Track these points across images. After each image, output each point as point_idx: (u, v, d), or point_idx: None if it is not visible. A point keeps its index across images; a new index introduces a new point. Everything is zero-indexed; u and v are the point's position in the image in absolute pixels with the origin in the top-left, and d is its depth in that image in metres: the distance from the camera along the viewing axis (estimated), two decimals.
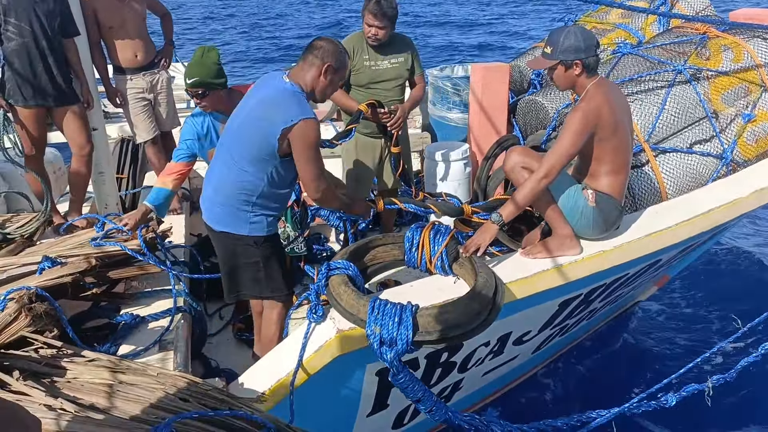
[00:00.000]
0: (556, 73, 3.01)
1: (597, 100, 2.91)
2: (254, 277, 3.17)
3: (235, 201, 3.00)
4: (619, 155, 3.01)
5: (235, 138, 2.98)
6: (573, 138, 2.88)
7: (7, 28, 3.83)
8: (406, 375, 2.46)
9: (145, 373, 2.39)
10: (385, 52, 4.27)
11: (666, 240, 3.23)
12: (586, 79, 2.97)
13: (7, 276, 2.98)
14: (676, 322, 5.53)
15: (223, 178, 3.03)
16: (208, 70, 3.40)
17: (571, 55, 2.91)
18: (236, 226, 3.04)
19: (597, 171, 3.05)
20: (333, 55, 2.95)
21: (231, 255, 3.15)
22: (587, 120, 2.87)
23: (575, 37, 2.91)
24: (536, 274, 2.92)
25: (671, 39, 4.29)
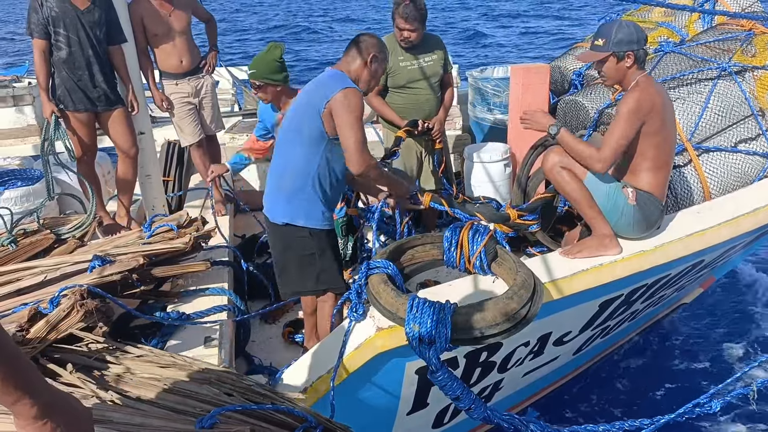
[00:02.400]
0: (607, 65, 3.03)
1: (648, 91, 2.93)
2: (310, 271, 3.21)
3: (294, 189, 3.08)
4: (661, 152, 3.00)
5: (290, 127, 3.12)
6: (627, 123, 2.91)
7: (57, 38, 4.02)
8: (445, 373, 2.47)
9: (191, 369, 2.46)
10: (419, 51, 4.34)
11: (708, 240, 3.18)
12: (635, 72, 3.00)
13: (61, 274, 3.10)
14: (721, 325, 5.41)
15: (282, 169, 3.13)
16: (266, 66, 3.70)
17: (623, 46, 2.95)
18: (295, 216, 3.10)
19: (638, 167, 3.04)
20: (375, 46, 3.13)
21: (287, 249, 3.20)
22: (641, 106, 2.90)
23: (627, 29, 2.96)
24: (575, 274, 2.92)
25: (715, 36, 4.22)
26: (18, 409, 1.13)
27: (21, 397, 1.12)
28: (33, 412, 1.14)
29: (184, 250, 3.28)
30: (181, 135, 4.79)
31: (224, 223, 4.57)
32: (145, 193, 4.64)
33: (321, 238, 3.18)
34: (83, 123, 4.23)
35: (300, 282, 3.28)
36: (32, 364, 1.21)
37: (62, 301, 2.56)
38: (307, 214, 3.11)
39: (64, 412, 1.19)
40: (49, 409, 1.15)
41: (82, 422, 1.23)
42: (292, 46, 23.69)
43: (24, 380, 1.13)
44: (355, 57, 3.11)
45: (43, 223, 3.88)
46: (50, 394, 1.18)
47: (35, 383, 1.16)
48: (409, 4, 4.11)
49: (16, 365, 1.12)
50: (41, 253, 3.65)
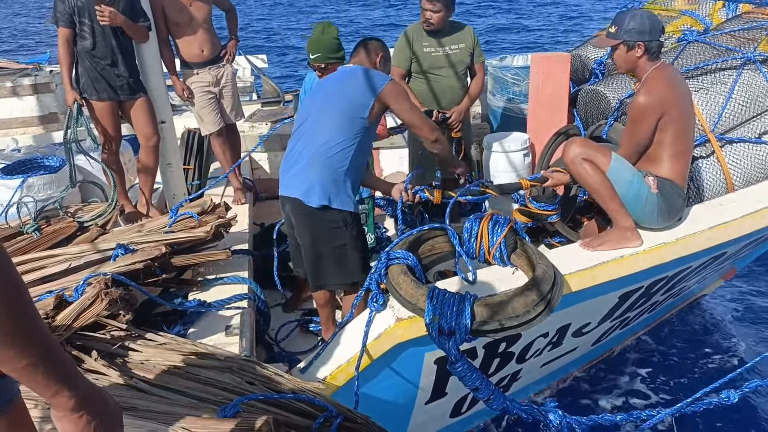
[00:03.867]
0: (617, 53, 3.07)
1: (657, 87, 2.95)
2: (342, 262, 3.25)
3: (330, 175, 3.14)
4: (680, 140, 3.02)
5: (325, 110, 3.21)
6: (638, 125, 2.98)
7: (83, 28, 4.07)
8: (464, 363, 2.48)
9: (213, 357, 2.50)
10: (445, 39, 4.35)
11: (730, 232, 3.16)
12: (646, 63, 3.03)
13: (85, 262, 3.14)
14: (741, 317, 5.36)
15: (313, 156, 3.17)
16: (328, 45, 3.71)
17: (634, 36, 2.98)
18: (332, 199, 3.15)
19: (658, 156, 3.05)
20: (382, 48, 3.43)
21: (320, 238, 3.23)
22: (650, 104, 2.93)
23: (641, 19, 2.98)
24: (596, 266, 2.91)
25: (740, 25, 4.16)
26: (57, 400, 1.16)
27: (60, 389, 1.15)
28: (71, 404, 1.17)
29: (205, 238, 3.32)
30: (202, 124, 4.82)
31: (243, 211, 4.60)
32: (166, 181, 4.68)
33: (354, 226, 3.24)
34: (106, 112, 4.27)
35: (330, 275, 3.31)
36: (69, 356, 1.24)
37: (87, 290, 2.60)
38: (343, 197, 3.18)
39: (99, 405, 1.23)
40: (85, 402, 1.18)
41: (114, 416, 1.26)
42: None
43: (64, 373, 1.16)
44: (365, 57, 3.38)
45: (66, 210, 3.94)
46: (87, 387, 1.21)
47: (74, 376, 1.19)
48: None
49: (57, 358, 1.15)
50: (64, 240, 3.70)
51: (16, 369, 1.10)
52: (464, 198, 3.47)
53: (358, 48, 3.44)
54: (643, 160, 3.12)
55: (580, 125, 4.55)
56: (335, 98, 3.20)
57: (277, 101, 7.38)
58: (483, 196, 3.52)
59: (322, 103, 3.24)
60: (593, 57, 4.91)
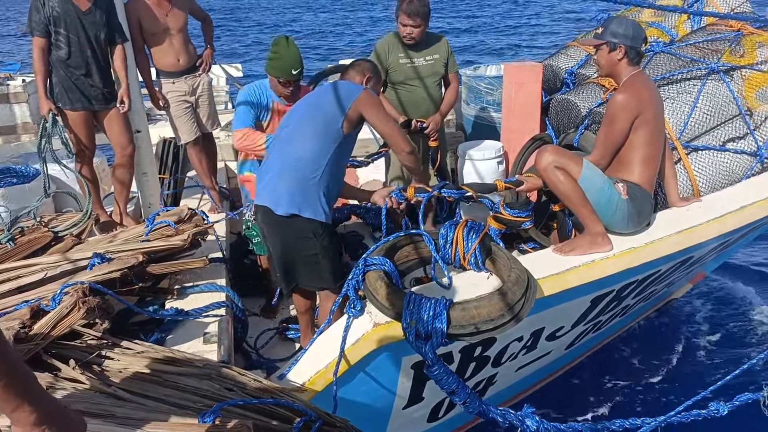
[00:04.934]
0: (600, 53, 3.26)
1: (635, 88, 3.11)
2: (314, 270, 3.28)
3: (304, 181, 3.16)
4: (652, 144, 3.15)
5: (301, 122, 3.25)
6: (615, 123, 3.11)
7: (58, 38, 4.05)
8: (441, 367, 2.52)
9: (191, 364, 2.51)
10: (420, 50, 4.40)
11: (697, 237, 3.25)
12: (625, 67, 3.21)
13: (61, 271, 3.13)
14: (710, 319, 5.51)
15: (288, 161, 3.20)
16: (301, 60, 3.77)
17: (617, 38, 3.17)
18: (302, 208, 3.17)
19: (629, 160, 3.17)
20: (371, 69, 3.47)
21: (289, 248, 3.26)
22: (628, 104, 3.07)
23: (626, 25, 3.19)
24: (568, 271, 2.97)
25: (704, 37, 4.28)
26: (17, 416, 1.16)
27: (20, 404, 1.16)
28: (32, 419, 1.17)
29: (183, 247, 3.33)
30: (178, 133, 4.82)
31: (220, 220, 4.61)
32: (141, 190, 4.67)
33: (324, 236, 3.24)
34: (80, 121, 4.25)
35: (303, 280, 3.36)
36: (31, 372, 1.24)
37: (64, 299, 2.60)
38: (314, 207, 3.19)
39: (61, 421, 1.23)
40: (46, 418, 1.19)
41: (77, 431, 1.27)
42: None
43: (24, 389, 1.17)
44: (353, 77, 3.40)
45: (40, 220, 3.91)
46: (48, 403, 1.22)
47: (34, 392, 1.20)
48: (413, 2, 4.17)
49: (16, 374, 1.16)
50: (39, 250, 3.68)
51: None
52: (439, 192, 3.54)
53: (346, 68, 3.48)
54: (615, 163, 3.22)
55: (552, 133, 4.64)
56: (312, 110, 3.26)
57: None
58: (459, 191, 3.59)
59: (300, 115, 3.29)
60: (564, 67, 5.01)
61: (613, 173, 3.20)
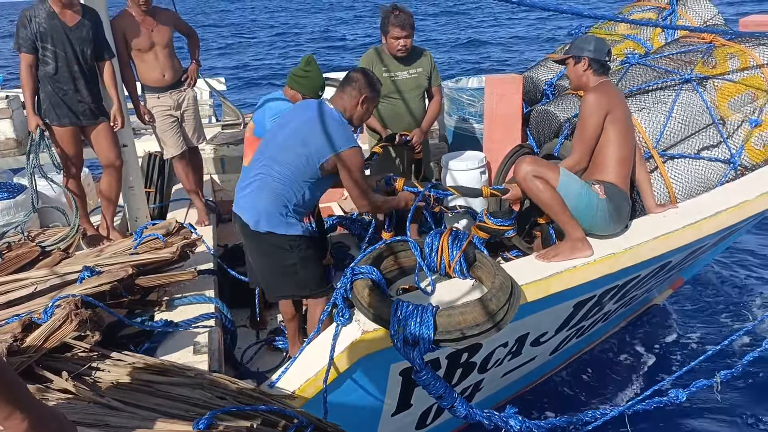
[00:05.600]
0: (568, 67, 3.50)
1: (602, 90, 3.33)
2: (294, 279, 3.33)
3: (275, 205, 3.22)
4: (623, 146, 3.32)
5: (282, 151, 3.24)
6: (589, 120, 3.29)
7: (45, 53, 4.08)
8: (428, 372, 2.59)
9: (183, 374, 2.54)
10: (404, 63, 4.47)
11: (673, 242, 3.35)
12: (591, 77, 3.41)
13: (50, 285, 3.16)
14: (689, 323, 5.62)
15: (265, 184, 3.24)
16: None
17: (581, 52, 3.39)
18: (274, 225, 3.23)
19: (602, 160, 3.34)
20: (368, 86, 3.35)
21: (269, 259, 3.33)
22: (598, 101, 3.27)
23: (590, 40, 3.42)
24: (550, 276, 3.05)
25: (678, 49, 4.41)
26: (9, 424, 1.18)
27: (12, 412, 1.17)
28: (23, 426, 1.19)
29: (171, 259, 3.36)
30: (165, 147, 4.85)
31: (207, 232, 4.65)
32: (128, 204, 4.70)
33: (300, 247, 3.29)
34: (68, 136, 4.28)
35: (286, 289, 3.41)
36: (20, 380, 1.26)
37: (56, 311, 2.63)
38: (288, 224, 3.24)
39: (54, 426, 1.26)
40: (38, 423, 1.21)
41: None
42: None
43: (15, 396, 1.18)
44: (350, 96, 3.33)
45: (29, 235, 3.93)
46: (39, 409, 1.24)
47: (25, 399, 1.21)
48: (399, 14, 4.26)
49: (8, 381, 1.17)
50: (27, 265, 3.69)
51: None
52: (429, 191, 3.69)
53: (342, 82, 3.40)
54: (591, 166, 3.38)
55: (534, 144, 4.74)
56: (300, 137, 3.22)
57: (237, 123, 7.43)
58: (446, 192, 3.78)
59: (288, 135, 3.27)
60: (544, 78, 5.13)
61: (589, 176, 3.35)
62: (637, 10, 5.26)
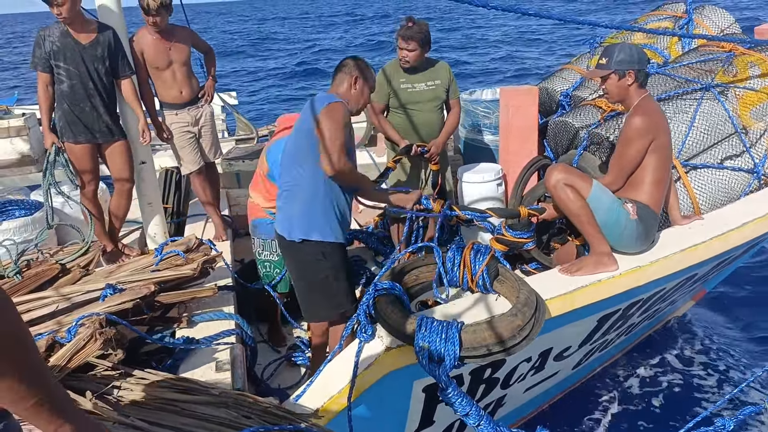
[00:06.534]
0: (609, 82, 3.27)
1: (650, 112, 3.16)
2: (326, 293, 3.34)
3: (304, 207, 3.22)
4: (663, 168, 3.20)
5: (293, 149, 3.29)
6: (633, 146, 3.14)
7: (59, 71, 4.12)
8: (455, 390, 2.55)
9: (207, 393, 2.52)
10: (422, 75, 4.49)
11: (701, 254, 3.30)
12: (635, 91, 3.23)
13: (72, 303, 3.15)
14: (713, 336, 5.53)
15: (291, 188, 3.28)
16: None
17: (624, 65, 3.19)
18: (309, 232, 3.23)
19: (641, 181, 3.21)
20: (357, 67, 3.36)
21: (303, 274, 3.34)
22: (647, 126, 3.11)
23: (629, 50, 3.21)
24: (575, 291, 3.01)
25: (697, 58, 4.38)
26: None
27: (62, 424, 1.20)
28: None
29: (192, 275, 3.35)
30: (182, 163, 4.86)
31: (225, 248, 4.64)
32: (146, 220, 4.70)
33: (334, 256, 3.30)
34: (84, 154, 4.30)
35: (319, 306, 3.41)
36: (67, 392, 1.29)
37: (80, 330, 2.62)
38: (321, 228, 3.24)
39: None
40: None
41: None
42: None
43: (65, 409, 1.21)
44: (342, 80, 3.36)
45: (48, 253, 3.93)
46: (85, 421, 1.26)
47: (73, 412, 1.24)
48: (412, 26, 4.29)
49: (59, 395, 1.20)
50: (46, 283, 3.69)
51: (25, 408, 1.14)
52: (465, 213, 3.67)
53: (335, 70, 3.43)
54: (626, 184, 3.27)
55: (551, 155, 4.71)
56: (297, 133, 3.30)
57: (251, 138, 7.45)
58: (482, 215, 3.74)
59: (291, 139, 3.35)
60: (560, 89, 5.11)
61: (623, 193, 3.25)
62: (653, 19, 5.23)
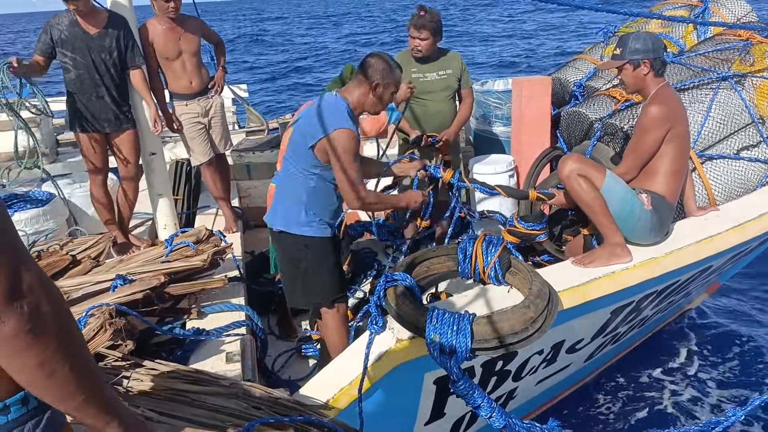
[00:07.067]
0: (625, 72, 3.20)
1: (668, 100, 3.09)
2: (307, 282, 3.33)
3: (290, 202, 3.24)
4: (680, 158, 3.14)
5: (291, 147, 3.27)
6: (650, 136, 3.08)
7: (64, 60, 4.13)
8: (466, 382, 2.52)
9: (218, 384, 2.51)
10: (433, 64, 4.47)
11: (716, 246, 3.26)
12: (652, 80, 3.16)
13: (82, 294, 3.15)
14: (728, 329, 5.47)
15: (283, 183, 3.30)
16: None
17: (639, 55, 3.12)
18: (289, 225, 3.25)
19: (656, 170, 3.15)
20: (380, 72, 3.17)
21: (286, 260, 3.36)
22: (665, 116, 3.04)
23: (643, 39, 3.14)
24: (588, 283, 2.98)
25: (713, 46, 4.32)
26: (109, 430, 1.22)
27: (111, 420, 1.21)
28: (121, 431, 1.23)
29: (203, 267, 3.34)
30: (192, 154, 4.85)
31: (235, 239, 4.63)
32: (156, 211, 4.70)
33: (316, 248, 3.28)
34: (93, 143, 4.31)
35: (299, 294, 3.41)
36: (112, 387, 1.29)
37: (90, 321, 2.61)
38: (300, 222, 3.24)
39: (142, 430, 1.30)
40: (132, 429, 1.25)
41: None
42: None
43: (113, 405, 1.22)
44: (362, 82, 3.20)
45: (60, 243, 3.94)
46: (132, 417, 1.28)
47: (120, 407, 1.26)
48: (424, 15, 4.26)
49: (106, 392, 1.21)
50: (57, 274, 3.70)
51: (74, 405, 1.14)
52: (475, 187, 3.63)
53: (359, 67, 3.26)
54: (641, 174, 3.21)
55: (564, 146, 4.66)
56: (300, 130, 3.20)
57: (261, 130, 7.44)
58: (492, 191, 3.66)
59: (292, 135, 3.29)
60: (573, 79, 5.05)
61: (638, 183, 3.20)
62: (668, 8, 5.16)
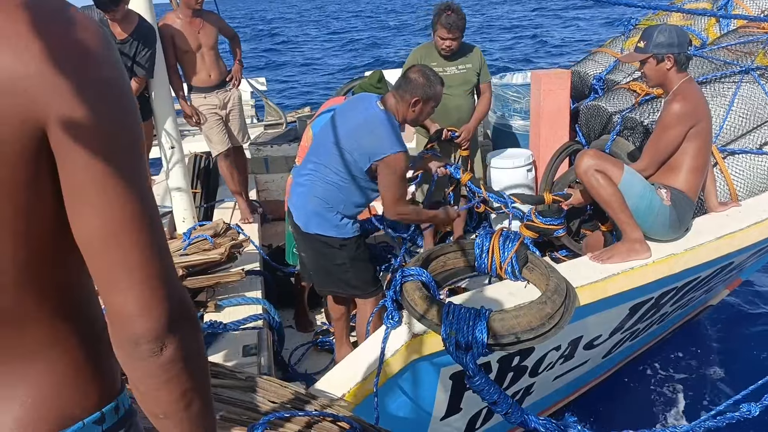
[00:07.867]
0: (648, 66, 3.14)
1: (692, 96, 3.03)
2: (343, 278, 3.32)
3: (321, 203, 3.19)
4: (702, 155, 3.10)
5: (331, 156, 3.17)
6: (670, 132, 3.03)
7: None
8: (482, 377, 2.52)
9: (234, 377, 2.53)
10: (453, 58, 4.45)
11: (738, 242, 3.21)
12: (675, 75, 3.10)
13: None
14: (750, 326, 5.40)
15: (314, 185, 3.22)
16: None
17: (663, 49, 3.05)
18: (325, 228, 3.21)
19: (678, 166, 3.11)
20: (421, 88, 3.16)
21: (320, 256, 3.32)
22: (686, 112, 2.99)
23: (668, 32, 3.06)
24: (607, 278, 2.95)
25: (736, 39, 4.24)
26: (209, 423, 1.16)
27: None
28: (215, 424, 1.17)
29: (220, 260, 3.36)
30: (210, 145, 4.90)
31: (252, 232, 4.65)
32: (175, 205, 4.72)
33: (351, 247, 3.27)
34: None
35: (334, 286, 3.40)
36: None
37: None
38: (337, 226, 3.22)
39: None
40: None
41: None
42: None
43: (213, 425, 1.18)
44: (402, 98, 3.18)
45: None
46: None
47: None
48: (452, 15, 4.22)
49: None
50: None
51: None
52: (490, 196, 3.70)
53: (401, 78, 3.26)
54: (662, 169, 3.17)
55: (583, 140, 4.62)
56: (348, 142, 3.15)
57: (279, 123, 7.45)
58: (508, 200, 3.70)
59: (337, 140, 3.20)
60: (592, 73, 4.99)
61: (658, 178, 3.16)
62: (689, 0, 5.08)
